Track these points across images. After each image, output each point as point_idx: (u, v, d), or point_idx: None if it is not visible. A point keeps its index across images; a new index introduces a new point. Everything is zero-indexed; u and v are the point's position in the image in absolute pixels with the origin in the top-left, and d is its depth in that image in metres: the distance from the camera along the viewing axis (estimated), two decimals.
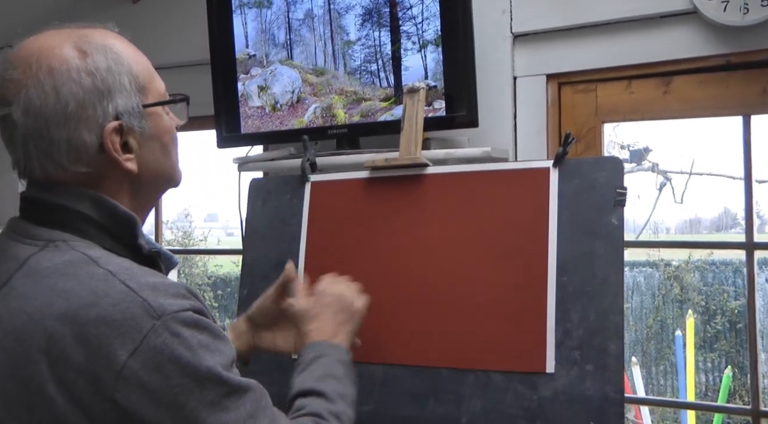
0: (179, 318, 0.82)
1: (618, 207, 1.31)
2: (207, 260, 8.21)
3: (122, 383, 0.78)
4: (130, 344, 0.79)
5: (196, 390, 0.81)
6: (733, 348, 6.25)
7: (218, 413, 0.83)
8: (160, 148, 0.98)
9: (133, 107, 0.93)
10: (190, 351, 0.81)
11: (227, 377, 0.84)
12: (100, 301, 0.81)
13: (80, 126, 0.89)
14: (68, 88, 0.88)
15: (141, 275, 0.85)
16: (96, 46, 0.92)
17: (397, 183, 1.50)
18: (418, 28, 1.69)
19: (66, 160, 0.90)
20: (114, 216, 0.92)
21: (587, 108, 1.78)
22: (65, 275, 0.84)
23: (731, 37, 1.60)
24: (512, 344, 1.32)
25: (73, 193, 0.91)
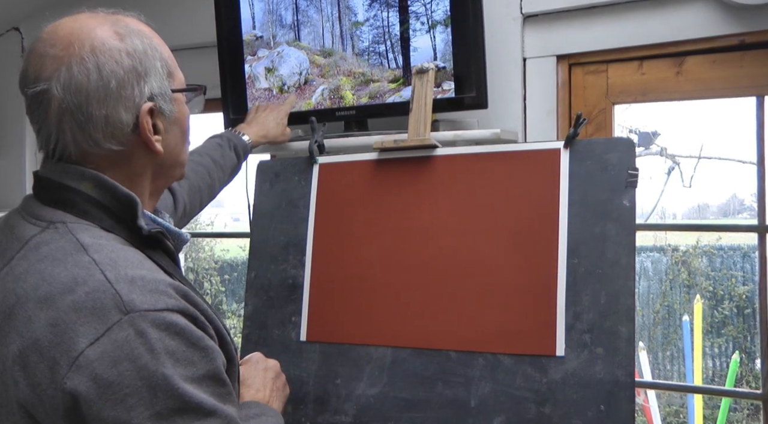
0: (149, 317, 0.79)
1: (630, 188, 1.29)
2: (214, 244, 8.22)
3: (75, 370, 0.77)
4: (93, 334, 0.78)
5: (146, 397, 0.77)
6: (740, 334, 6.23)
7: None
8: (180, 133, 1.01)
9: (164, 91, 0.96)
10: (151, 354, 0.77)
11: (185, 392, 0.78)
12: (77, 288, 0.81)
13: (119, 104, 0.91)
14: (110, 67, 0.91)
15: (125, 266, 0.84)
16: (131, 30, 0.95)
17: (406, 165, 1.48)
18: (426, 9, 1.67)
19: (101, 136, 0.91)
20: (115, 197, 0.92)
21: (598, 89, 1.76)
22: (56, 260, 0.85)
23: (745, 17, 1.58)
24: (522, 327, 1.31)
25: (75, 173, 0.92)
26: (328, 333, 1.47)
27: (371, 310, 1.29)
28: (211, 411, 0.81)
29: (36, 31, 0.96)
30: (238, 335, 1.35)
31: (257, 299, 1.57)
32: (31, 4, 2.45)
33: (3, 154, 2.57)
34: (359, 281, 1.45)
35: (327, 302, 1.49)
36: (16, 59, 2.53)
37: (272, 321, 1.54)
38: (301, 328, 1.50)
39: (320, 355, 1.47)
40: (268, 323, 1.53)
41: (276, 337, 1.51)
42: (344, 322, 1.45)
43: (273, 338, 1.50)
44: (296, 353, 1.49)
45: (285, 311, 1.52)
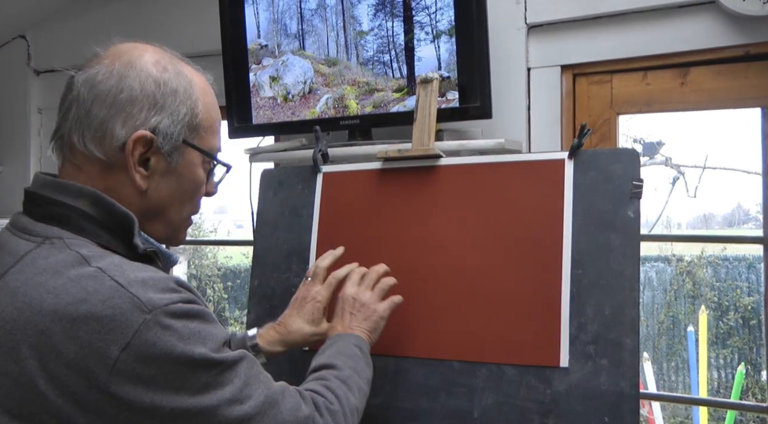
0: (169, 311, 0.84)
1: (634, 199, 1.29)
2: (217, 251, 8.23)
3: (116, 376, 0.80)
4: (122, 339, 0.81)
5: (190, 375, 0.85)
6: (746, 345, 6.20)
7: (215, 391, 0.87)
8: (178, 189, 1.00)
9: (172, 133, 0.96)
10: (182, 341, 0.84)
11: (219, 358, 0.88)
12: (90, 297, 0.82)
13: (119, 116, 0.93)
14: (130, 82, 0.93)
15: (131, 270, 0.87)
16: (177, 71, 0.98)
17: (410, 174, 1.48)
18: (431, 18, 1.67)
19: (90, 136, 0.93)
20: (112, 214, 0.93)
21: (602, 99, 1.76)
22: (57, 273, 0.85)
23: (750, 27, 1.58)
24: (526, 338, 1.30)
25: (72, 190, 0.93)
26: None
27: None
28: (239, 359, 0.92)
29: (42, 39, 0.98)
30: None
31: (260, 308, 1.56)
32: (37, 13, 2.47)
33: (8, 162, 2.58)
34: None
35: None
36: (22, 67, 2.55)
37: None
38: None
39: None
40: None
41: None
42: None
43: None
44: (299, 363, 1.48)
45: None
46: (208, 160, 1.04)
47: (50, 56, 2.50)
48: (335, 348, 1.19)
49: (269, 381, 0.97)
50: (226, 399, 0.88)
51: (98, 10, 2.39)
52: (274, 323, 1.32)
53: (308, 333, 1.29)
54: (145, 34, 1.02)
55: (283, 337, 1.29)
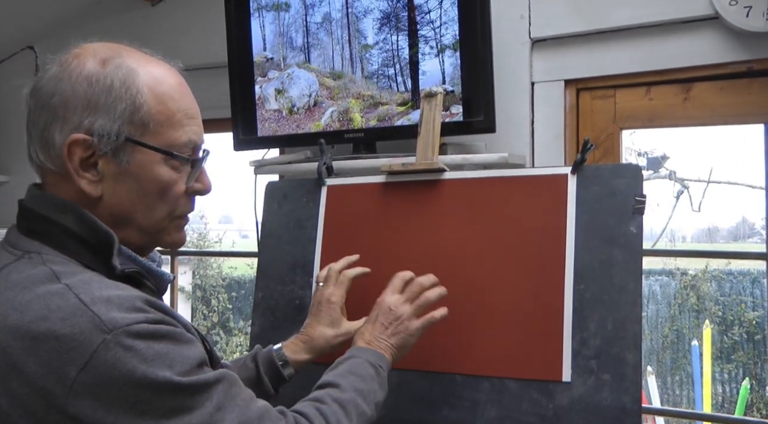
0: (132, 331, 0.80)
1: (637, 215, 1.29)
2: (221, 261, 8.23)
3: (74, 397, 0.77)
4: (80, 359, 0.77)
5: (154, 399, 0.80)
6: (750, 360, 6.17)
7: (182, 415, 0.82)
8: (138, 191, 0.93)
9: (110, 131, 0.89)
10: (145, 363, 0.79)
11: (187, 382, 0.82)
12: (51, 315, 0.79)
13: (55, 122, 0.89)
14: (63, 85, 0.89)
15: (98, 288, 0.83)
16: (118, 65, 0.91)
17: (414, 188, 1.49)
18: (436, 33, 1.68)
19: (38, 146, 0.91)
20: (94, 232, 0.90)
21: (606, 114, 1.77)
22: (26, 288, 0.83)
23: (754, 43, 1.59)
24: (528, 352, 1.30)
25: (56, 205, 0.90)
26: (336, 354, 1.47)
27: None
28: (214, 381, 0.86)
29: (50, 50, 0.97)
30: (245, 353, 1.35)
31: (264, 319, 1.57)
32: (45, 24, 2.49)
33: (15, 172, 2.60)
34: (365, 303, 1.45)
35: None
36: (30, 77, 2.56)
37: (278, 341, 1.53)
38: None
39: None
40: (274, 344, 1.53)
41: None
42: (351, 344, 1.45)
43: None
44: (304, 375, 1.48)
45: (291, 332, 1.52)
46: (174, 158, 0.94)
47: None
48: (347, 365, 1.12)
49: (248, 404, 0.90)
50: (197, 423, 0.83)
51: (106, 21, 2.41)
52: (298, 334, 1.29)
53: (330, 336, 1.26)
54: (152, 46, 1.00)
55: (307, 344, 1.26)
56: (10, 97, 2.61)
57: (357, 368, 1.11)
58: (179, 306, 2.78)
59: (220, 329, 7.77)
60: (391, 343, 1.19)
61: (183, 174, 0.96)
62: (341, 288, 1.30)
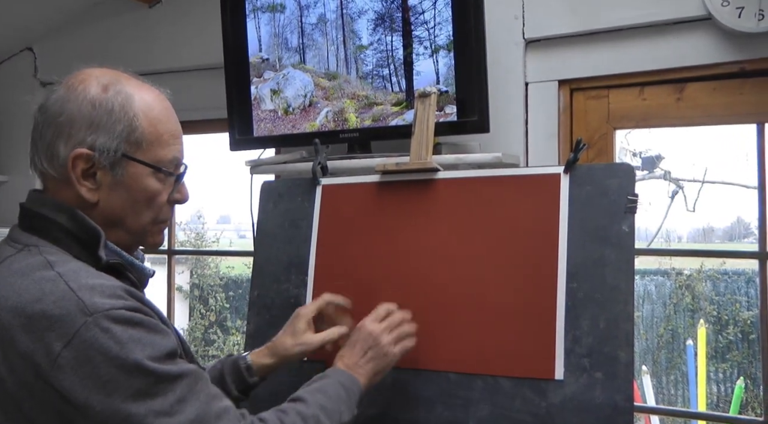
0: (110, 315, 0.92)
1: (629, 214, 1.30)
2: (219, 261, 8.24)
3: (57, 370, 0.89)
4: (65, 337, 0.90)
5: (123, 379, 0.90)
6: (745, 359, 6.19)
7: (145, 400, 0.91)
8: (129, 199, 1.06)
9: (109, 148, 1.02)
10: (119, 345, 0.91)
11: (155, 368, 0.93)
12: (45, 298, 0.92)
13: (60, 137, 1.02)
14: (69, 106, 1.03)
15: (86, 277, 0.96)
16: (118, 91, 1.05)
17: (408, 187, 1.50)
18: (430, 33, 1.69)
19: (43, 156, 1.04)
20: (84, 228, 1.02)
21: (599, 114, 1.78)
22: (24, 275, 0.96)
23: (746, 44, 1.60)
24: (521, 350, 1.31)
25: (53, 205, 1.03)
26: (329, 353, 1.48)
27: None
28: (179, 374, 0.96)
29: (49, 52, 1.03)
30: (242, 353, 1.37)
31: (259, 318, 1.58)
32: (45, 25, 2.49)
33: (13, 172, 2.60)
34: (360, 302, 1.46)
35: None
36: (29, 79, 2.57)
37: None
38: None
39: None
40: None
41: None
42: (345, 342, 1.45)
43: None
44: (297, 373, 1.49)
45: None
46: (164, 170, 1.08)
47: (57, 68, 2.49)
48: (319, 384, 1.19)
49: (209, 401, 0.99)
50: (155, 410, 0.92)
51: (104, 23, 2.42)
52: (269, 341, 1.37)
53: (289, 344, 1.32)
54: (149, 47, 1.05)
55: (270, 350, 1.34)
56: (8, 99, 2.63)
57: (327, 387, 1.19)
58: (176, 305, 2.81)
59: (217, 327, 7.78)
60: (367, 368, 1.25)
61: (167, 186, 1.10)
62: (314, 305, 1.37)
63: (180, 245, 6.56)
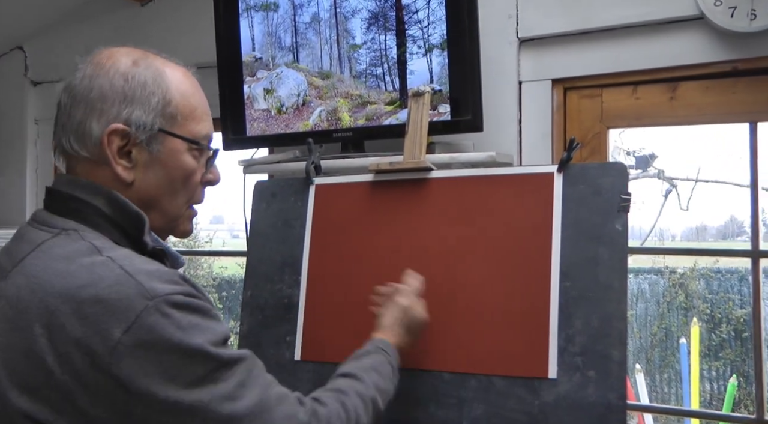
0: (170, 301, 0.87)
1: (622, 213, 1.30)
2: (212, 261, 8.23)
3: (117, 357, 0.84)
4: (124, 323, 0.84)
5: (184, 365, 0.87)
6: (738, 357, 6.21)
7: (207, 385, 0.89)
8: (165, 177, 1.03)
9: (146, 122, 0.99)
10: (180, 330, 0.87)
11: (215, 353, 0.90)
12: (97, 282, 0.87)
13: (93, 114, 0.98)
14: (100, 81, 0.98)
15: (139, 262, 0.91)
16: (149, 64, 1.01)
17: (401, 187, 1.50)
18: (423, 32, 1.69)
19: (73, 137, 0.99)
20: (125, 212, 0.98)
21: (592, 113, 1.78)
22: (70, 259, 0.90)
23: (738, 44, 1.60)
24: (514, 349, 1.31)
25: (90, 189, 0.98)
26: (323, 353, 1.48)
27: (365, 330, 1.29)
28: (238, 359, 0.93)
29: (39, 51, 1.01)
30: None
31: (252, 318, 1.57)
32: (35, 25, 2.48)
33: (5, 172, 2.59)
34: (354, 301, 1.46)
35: (322, 322, 1.50)
36: (19, 78, 2.56)
37: (267, 340, 1.54)
38: (296, 347, 1.51)
39: (314, 374, 1.47)
40: (263, 342, 1.54)
41: (270, 356, 1.52)
42: (338, 342, 1.45)
43: (267, 357, 1.51)
44: (290, 373, 1.49)
45: (280, 331, 1.53)
46: (197, 148, 1.05)
47: (47, 68, 2.52)
48: (371, 361, 1.18)
49: (268, 385, 0.97)
50: (219, 395, 0.89)
51: (95, 22, 2.41)
52: None
53: None
54: (142, 46, 1.04)
55: None
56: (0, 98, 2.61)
57: (379, 366, 1.18)
58: None
59: None
60: (407, 340, 1.29)
61: (200, 165, 1.07)
62: None
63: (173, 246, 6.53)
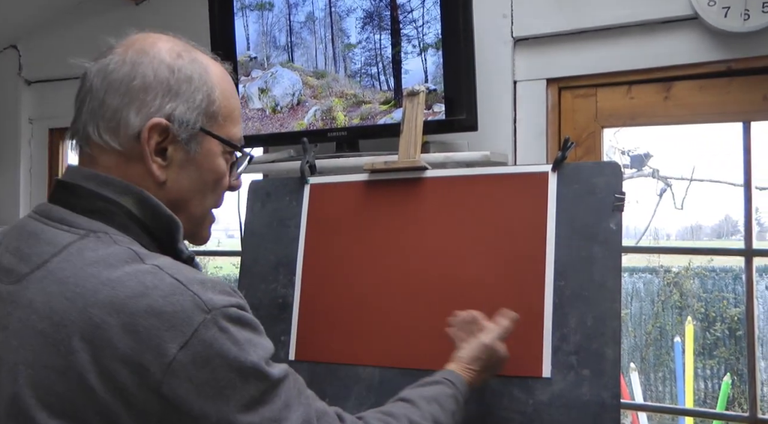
0: (226, 314, 0.81)
1: (616, 212, 1.31)
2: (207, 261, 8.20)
3: (170, 376, 0.77)
4: (181, 337, 0.77)
5: (240, 385, 0.81)
6: (732, 355, 6.23)
7: (258, 407, 0.83)
8: (198, 179, 0.96)
9: (188, 120, 0.92)
10: (237, 346, 0.81)
11: (269, 372, 0.84)
12: (150, 292, 0.79)
13: (132, 104, 0.90)
14: (143, 69, 0.91)
15: (187, 270, 0.84)
16: (192, 58, 0.95)
17: (396, 186, 1.50)
18: (418, 32, 1.69)
19: (105, 126, 0.90)
20: (156, 216, 0.91)
21: (587, 113, 1.78)
22: (111, 265, 0.82)
23: (732, 43, 1.61)
24: (509, 348, 1.31)
25: (118, 186, 0.90)
26: (317, 352, 1.48)
27: (360, 330, 1.30)
28: (282, 377, 0.87)
29: (33, 50, 0.97)
30: None
31: None
32: (29, 23, 2.47)
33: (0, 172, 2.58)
34: (348, 301, 1.46)
35: (316, 321, 1.50)
36: (13, 76, 2.55)
37: None
38: (290, 347, 1.51)
39: (309, 374, 1.47)
40: None
41: None
42: (333, 341, 1.45)
43: None
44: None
45: (274, 330, 1.53)
46: (228, 150, 0.99)
47: (41, 66, 2.51)
48: (435, 391, 1.12)
49: (310, 402, 0.92)
50: (267, 418, 0.83)
51: (90, 21, 2.40)
52: None
53: None
54: None
55: None
56: None
57: (443, 399, 1.11)
58: None
59: None
60: (481, 379, 1.22)
61: (227, 169, 1.00)
62: None
63: None
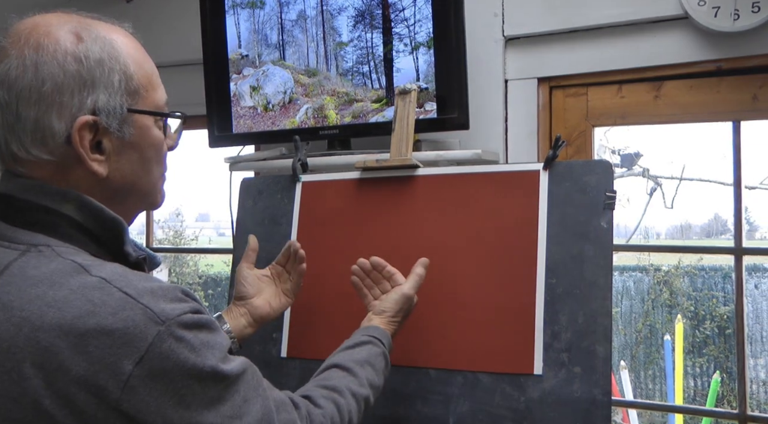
0: (181, 322, 0.79)
1: (607, 210, 1.31)
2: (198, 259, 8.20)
3: (128, 392, 0.75)
4: (136, 353, 0.75)
5: (199, 389, 0.80)
6: (722, 353, 6.28)
7: (217, 406, 0.82)
8: (139, 159, 0.92)
9: (115, 107, 0.87)
10: (194, 353, 0.79)
11: (227, 371, 0.83)
12: (98, 310, 0.76)
13: (51, 110, 0.84)
14: (49, 68, 0.84)
15: (137, 280, 0.81)
16: (95, 36, 0.88)
17: (388, 184, 1.50)
18: (410, 30, 1.69)
19: (29, 141, 0.84)
20: (100, 220, 0.87)
21: (578, 112, 1.79)
22: (55, 284, 0.79)
23: (722, 43, 1.62)
24: (500, 346, 1.32)
25: (56, 194, 0.86)
26: (309, 350, 1.48)
27: (351, 327, 1.30)
28: (240, 372, 0.86)
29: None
30: None
31: None
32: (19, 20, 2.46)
33: None
34: (340, 299, 1.46)
35: (308, 319, 1.50)
36: None
37: (253, 337, 1.52)
38: (282, 344, 1.51)
39: (300, 371, 1.47)
40: (249, 339, 1.53)
41: (257, 353, 1.51)
42: (325, 339, 1.45)
43: (254, 354, 1.51)
44: (277, 370, 1.49)
45: (266, 328, 1.52)
46: (162, 118, 0.95)
47: None
48: (367, 353, 1.16)
49: (266, 393, 0.91)
50: (227, 415, 0.83)
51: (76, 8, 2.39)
52: None
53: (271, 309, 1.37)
54: None
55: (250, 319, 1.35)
56: None
57: (374, 359, 1.16)
58: None
59: None
60: (400, 326, 1.29)
61: (168, 133, 0.98)
62: (248, 260, 1.41)
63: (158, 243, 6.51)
